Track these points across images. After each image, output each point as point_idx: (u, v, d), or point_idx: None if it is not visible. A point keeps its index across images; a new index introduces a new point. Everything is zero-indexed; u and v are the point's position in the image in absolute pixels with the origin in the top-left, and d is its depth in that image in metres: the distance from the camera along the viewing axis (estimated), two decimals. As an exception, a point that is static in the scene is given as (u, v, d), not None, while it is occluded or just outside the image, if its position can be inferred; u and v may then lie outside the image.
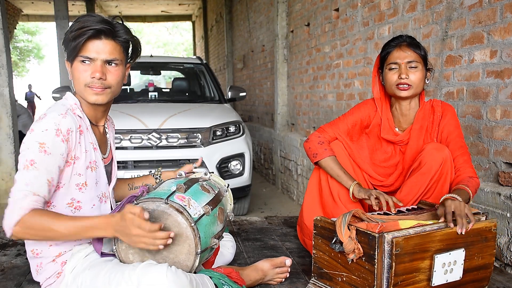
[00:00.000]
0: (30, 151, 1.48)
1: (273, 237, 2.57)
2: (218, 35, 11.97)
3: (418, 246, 1.58)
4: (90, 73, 1.58)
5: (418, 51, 2.03)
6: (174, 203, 1.55)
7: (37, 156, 1.47)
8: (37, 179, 1.46)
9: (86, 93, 1.60)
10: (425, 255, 1.60)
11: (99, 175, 1.68)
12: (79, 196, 1.61)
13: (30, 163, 1.47)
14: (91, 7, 13.19)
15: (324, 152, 2.13)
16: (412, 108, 2.13)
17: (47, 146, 1.48)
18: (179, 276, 1.45)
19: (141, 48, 1.73)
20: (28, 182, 1.45)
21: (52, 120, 1.51)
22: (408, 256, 1.56)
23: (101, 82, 1.59)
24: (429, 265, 1.61)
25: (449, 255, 1.64)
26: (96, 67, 1.58)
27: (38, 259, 1.63)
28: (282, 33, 5.81)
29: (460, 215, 1.64)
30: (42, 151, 1.47)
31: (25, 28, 23.18)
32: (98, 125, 1.73)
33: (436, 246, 1.61)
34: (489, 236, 1.73)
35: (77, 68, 1.59)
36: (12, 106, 5.23)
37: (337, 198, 2.10)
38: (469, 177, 1.89)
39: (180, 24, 25.23)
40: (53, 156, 1.49)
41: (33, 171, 1.46)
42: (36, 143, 1.48)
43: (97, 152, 1.67)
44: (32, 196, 1.45)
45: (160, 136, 4.06)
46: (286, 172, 5.69)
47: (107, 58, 1.59)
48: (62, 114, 1.53)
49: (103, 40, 1.58)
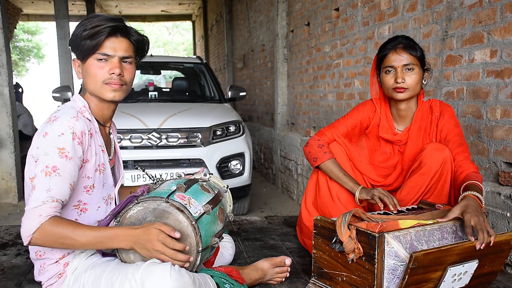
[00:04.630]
0: (50, 157, 1.47)
1: (273, 236, 2.57)
2: (218, 35, 11.96)
3: (435, 260, 1.54)
4: (108, 70, 1.59)
5: (414, 53, 2.02)
6: (174, 201, 1.55)
7: (58, 162, 1.47)
8: (60, 185, 1.46)
9: (103, 90, 1.61)
10: (439, 268, 1.57)
11: (106, 177, 1.68)
12: (86, 198, 1.61)
13: (52, 170, 1.46)
14: (91, 6, 13.17)
15: (323, 156, 2.12)
16: (410, 109, 2.13)
17: (67, 151, 1.48)
18: (183, 275, 1.45)
19: (149, 47, 1.74)
20: (49, 189, 1.45)
21: (66, 123, 1.50)
22: (423, 269, 1.53)
23: (119, 78, 1.60)
24: (440, 275, 1.58)
25: (462, 267, 1.60)
26: (115, 64, 1.59)
27: (42, 260, 1.63)
28: (282, 32, 5.81)
29: (482, 230, 1.58)
30: (63, 156, 1.47)
31: (25, 28, 23.15)
32: (105, 126, 1.73)
33: (452, 259, 1.57)
34: (506, 248, 1.69)
35: (92, 65, 1.59)
36: (12, 105, 5.23)
37: (336, 199, 2.10)
38: (473, 172, 1.87)
39: (180, 24, 25.22)
40: (74, 160, 1.50)
41: (56, 177, 1.46)
42: (55, 148, 1.47)
43: (105, 154, 1.68)
44: (51, 203, 1.45)
45: (160, 135, 4.06)
46: (286, 171, 5.69)
47: (124, 55, 1.61)
48: (74, 117, 1.53)
49: (119, 38, 1.60)
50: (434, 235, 1.65)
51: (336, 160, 2.13)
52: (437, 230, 1.66)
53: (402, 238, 1.59)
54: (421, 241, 1.62)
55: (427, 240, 1.63)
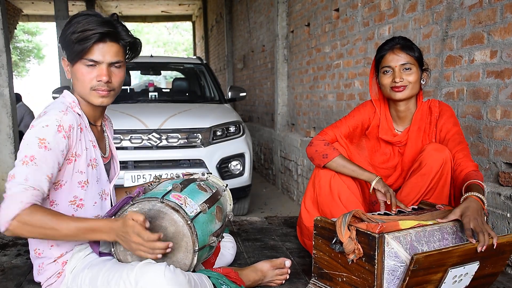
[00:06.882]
0: (29, 146, 1.46)
1: (273, 237, 2.57)
2: (218, 35, 11.96)
3: (436, 261, 1.53)
4: (95, 76, 1.57)
5: (411, 53, 2.02)
6: (170, 201, 1.55)
7: (36, 152, 1.45)
8: (37, 175, 1.44)
9: (91, 96, 1.60)
10: (440, 269, 1.56)
11: (100, 173, 1.68)
12: (81, 193, 1.61)
13: (30, 159, 1.44)
14: (91, 7, 13.17)
15: (333, 152, 2.09)
16: (409, 109, 2.13)
17: (47, 141, 1.47)
18: (177, 275, 1.45)
19: (141, 48, 1.72)
20: (27, 178, 1.42)
21: (53, 117, 1.50)
22: (424, 271, 1.53)
23: (107, 85, 1.58)
24: (441, 277, 1.58)
25: (463, 268, 1.60)
26: (102, 71, 1.57)
27: (40, 259, 1.63)
28: (282, 33, 5.81)
29: (482, 232, 1.57)
30: (42, 146, 1.46)
31: (25, 28, 23.15)
32: (96, 125, 1.73)
33: (453, 261, 1.57)
34: (507, 250, 1.68)
35: (80, 70, 1.57)
36: (12, 106, 5.22)
37: (337, 198, 2.10)
38: (474, 171, 1.86)
39: (180, 24, 25.21)
40: (53, 151, 1.48)
41: (33, 166, 1.44)
42: (36, 138, 1.46)
43: (96, 150, 1.67)
44: (32, 191, 1.42)
45: (160, 136, 4.06)
46: (286, 172, 5.69)
47: (112, 60, 1.58)
48: (63, 111, 1.52)
49: (108, 43, 1.57)
50: (435, 236, 1.65)
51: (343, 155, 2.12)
52: (437, 231, 1.66)
53: (402, 239, 1.58)
54: (421, 242, 1.62)
55: (427, 241, 1.63)
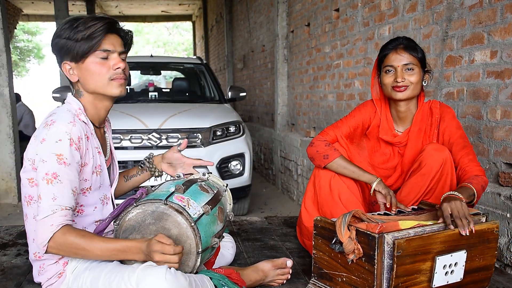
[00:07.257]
0: (49, 164, 1.47)
1: (273, 237, 2.57)
2: (218, 35, 11.96)
3: (420, 247, 1.57)
4: (112, 66, 1.59)
5: (414, 54, 2.03)
6: (173, 203, 1.55)
7: (57, 169, 1.47)
8: (63, 192, 1.47)
9: (110, 86, 1.60)
10: (427, 257, 1.59)
11: (103, 179, 1.68)
12: (83, 200, 1.62)
13: (52, 177, 1.46)
14: (91, 7, 13.17)
15: (334, 153, 2.09)
16: (410, 110, 2.13)
17: (65, 157, 1.48)
18: (178, 278, 1.45)
19: (132, 42, 1.73)
20: (54, 197, 1.46)
21: (63, 129, 1.49)
22: (410, 258, 1.55)
23: (123, 72, 1.61)
24: (430, 266, 1.60)
25: (451, 257, 1.63)
26: (118, 59, 1.60)
27: (41, 261, 1.63)
28: (282, 33, 5.81)
29: (458, 217, 1.63)
30: (61, 163, 1.47)
31: (25, 28, 23.12)
32: (100, 127, 1.73)
33: (438, 248, 1.60)
34: (491, 238, 1.72)
35: (93, 63, 1.58)
36: (12, 106, 5.23)
37: (337, 199, 2.09)
38: (474, 176, 1.87)
39: (180, 24, 25.21)
40: (72, 166, 1.50)
41: (57, 184, 1.47)
42: (53, 155, 1.47)
43: (101, 155, 1.68)
44: (61, 211, 1.46)
45: (160, 136, 4.06)
46: (286, 172, 5.69)
47: (121, 50, 1.62)
48: (71, 122, 1.52)
49: (114, 34, 1.61)
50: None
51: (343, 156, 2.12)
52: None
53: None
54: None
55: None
